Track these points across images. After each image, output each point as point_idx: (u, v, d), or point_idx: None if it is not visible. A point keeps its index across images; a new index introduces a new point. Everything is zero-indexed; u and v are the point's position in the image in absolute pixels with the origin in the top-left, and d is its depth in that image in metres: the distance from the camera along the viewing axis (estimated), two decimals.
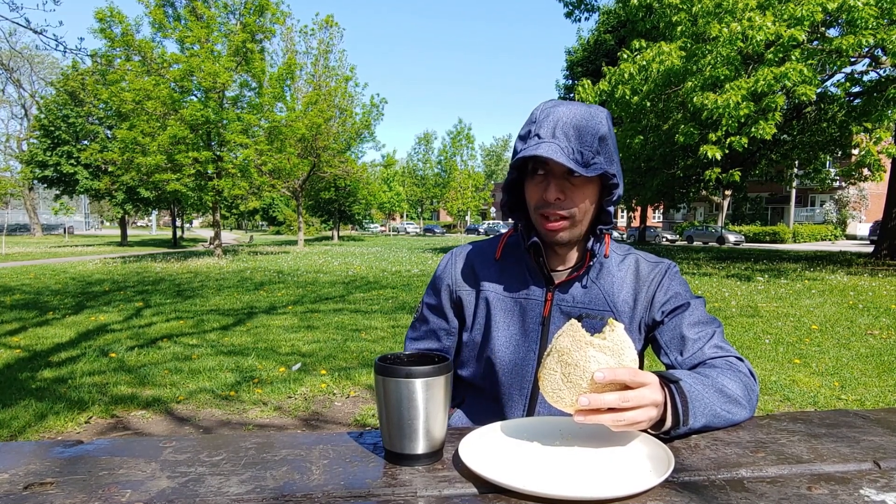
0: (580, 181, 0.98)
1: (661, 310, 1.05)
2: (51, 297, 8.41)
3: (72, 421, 3.29)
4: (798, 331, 5.94)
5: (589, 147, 0.95)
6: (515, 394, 1.09)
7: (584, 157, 0.95)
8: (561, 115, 0.96)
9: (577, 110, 0.97)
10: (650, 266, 1.09)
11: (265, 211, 56.11)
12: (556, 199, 0.98)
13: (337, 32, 27.92)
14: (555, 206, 0.99)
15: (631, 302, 1.07)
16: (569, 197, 0.99)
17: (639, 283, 1.08)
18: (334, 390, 3.91)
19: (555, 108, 0.98)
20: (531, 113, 1.01)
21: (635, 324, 1.07)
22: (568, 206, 0.99)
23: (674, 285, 1.07)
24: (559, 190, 0.98)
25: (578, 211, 1.00)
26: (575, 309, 1.05)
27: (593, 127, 0.96)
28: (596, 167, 0.95)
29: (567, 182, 0.98)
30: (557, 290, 1.07)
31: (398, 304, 7.76)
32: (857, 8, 8.95)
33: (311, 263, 15.32)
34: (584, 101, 7.86)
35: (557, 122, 0.96)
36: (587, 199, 1.00)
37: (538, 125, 0.97)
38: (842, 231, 35.06)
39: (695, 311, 1.04)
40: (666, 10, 10.91)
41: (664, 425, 0.79)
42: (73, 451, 0.77)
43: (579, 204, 0.99)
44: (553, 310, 1.06)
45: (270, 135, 16.61)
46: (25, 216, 46.22)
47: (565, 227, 1.01)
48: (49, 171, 26.25)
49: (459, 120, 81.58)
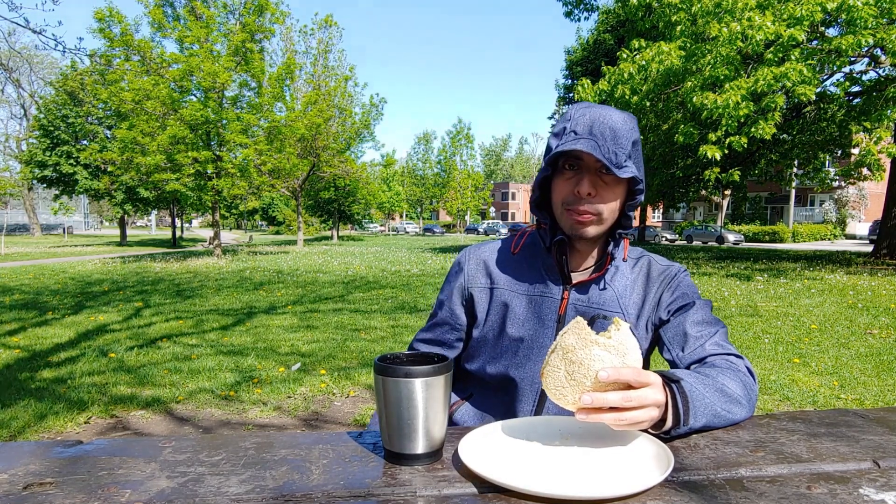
0: (611, 181, 1.00)
1: (668, 309, 1.07)
2: (50, 297, 8.41)
3: (71, 421, 3.29)
4: (797, 330, 5.95)
5: (623, 149, 0.98)
6: (526, 388, 1.10)
7: (617, 157, 0.97)
8: (597, 115, 0.99)
9: (613, 113, 1.00)
10: (661, 268, 1.12)
11: (265, 211, 56.14)
12: (588, 195, 1.00)
13: (336, 32, 27.93)
14: (585, 202, 1.00)
15: (640, 302, 1.09)
16: (599, 194, 1.01)
17: (649, 283, 1.10)
18: (334, 390, 3.91)
19: (591, 109, 1.00)
20: (566, 112, 1.03)
21: (643, 323, 1.09)
22: (597, 202, 1.01)
23: (682, 287, 1.09)
24: (591, 185, 1.00)
25: (606, 209, 1.02)
26: (591, 309, 1.07)
27: (628, 131, 0.99)
28: (627, 169, 0.98)
29: (599, 179, 1.00)
30: (574, 289, 1.09)
31: (398, 304, 7.76)
32: (857, 7, 8.95)
33: (310, 263, 15.31)
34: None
35: (594, 121, 0.98)
36: (615, 200, 1.03)
37: (574, 122, 0.99)
38: (841, 231, 35.07)
39: (700, 310, 1.06)
40: (665, 9, 10.90)
41: (665, 425, 0.79)
42: (72, 451, 0.77)
43: (608, 202, 1.02)
44: (569, 308, 1.08)
45: (270, 135, 16.61)
46: (25, 216, 46.20)
47: (593, 221, 1.02)
48: (48, 170, 26.23)
49: (459, 119, 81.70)
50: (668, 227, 41.67)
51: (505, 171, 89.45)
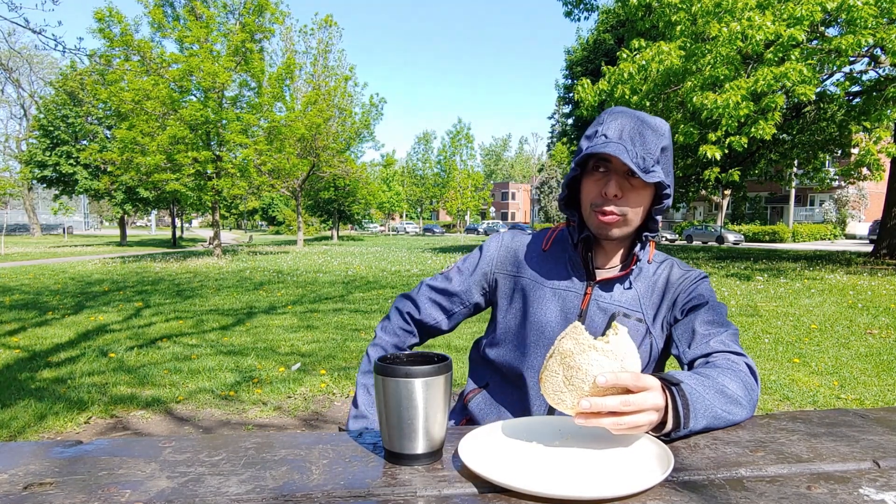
0: (638, 184, 1.04)
1: (682, 308, 1.09)
2: (50, 297, 8.41)
3: (71, 421, 3.29)
4: (797, 330, 5.95)
5: (651, 155, 1.01)
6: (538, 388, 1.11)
7: (645, 162, 1.01)
8: (628, 120, 1.03)
9: (645, 119, 1.04)
10: (682, 272, 1.14)
11: (264, 211, 56.14)
12: (615, 196, 1.03)
13: (336, 32, 27.95)
14: (611, 203, 1.04)
15: (658, 302, 1.12)
16: (626, 196, 1.04)
17: (668, 285, 1.12)
18: (334, 390, 3.91)
19: (623, 114, 1.05)
20: (599, 116, 1.08)
21: (659, 322, 1.11)
22: (623, 204, 1.04)
23: (699, 289, 1.11)
24: (618, 187, 1.03)
25: (632, 212, 1.05)
26: (612, 306, 1.10)
27: (657, 137, 1.02)
28: (654, 174, 1.01)
29: (626, 182, 1.04)
30: (598, 286, 1.11)
31: None
32: (857, 7, 8.95)
33: (310, 263, 15.31)
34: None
35: (624, 126, 1.02)
36: (641, 204, 1.06)
37: (606, 126, 1.04)
38: (841, 230, 35.07)
39: (711, 311, 1.07)
40: (665, 9, 10.89)
41: (665, 428, 0.79)
42: (72, 451, 0.77)
43: (633, 206, 1.05)
44: (591, 304, 1.11)
45: (270, 134, 16.61)
46: (24, 216, 46.19)
47: (618, 222, 1.05)
48: (48, 171, 26.24)
49: (459, 119, 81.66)
50: (668, 226, 41.68)
51: (505, 171, 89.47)
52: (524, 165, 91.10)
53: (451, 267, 1.26)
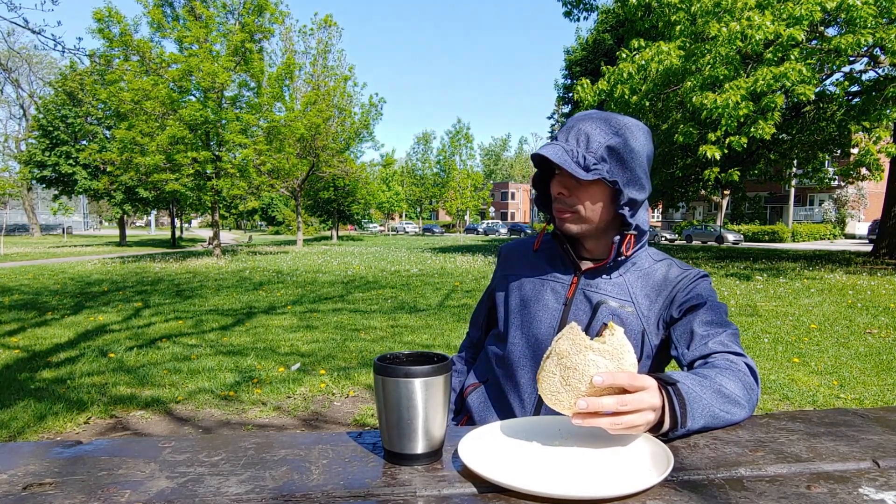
0: (585, 182, 1.06)
1: (680, 307, 1.09)
2: (49, 297, 8.41)
3: (71, 421, 3.29)
4: (797, 330, 5.95)
5: (593, 154, 1.03)
6: (532, 370, 1.13)
7: (586, 161, 1.03)
8: (586, 122, 1.06)
9: (607, 119, 1.07)
10: (681, 270, 1.14)
11: (264, 211, 56.09)
12: (559, 194, 1.08)
13: (336, 32, 27.92)
14: (560, 201, 1.09)
15: (653, 296, 1.11)
16: (573, 194, 1.08)
17: (666, 282, 1.13)
18: (333, 390, 3.91)
19: (584, 117, 1.08)
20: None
21: (654, 319, 1.11)
22: (572, 202, 1.08)
23: (698, 289, 1.10)
24: (562, 186, 1.08)
25: (583, 208, 1.08)
26: (597, 294, 1.12)
27: (605, 136, 1.04)
28: (596, 172, 1.03)
29: (572, 181, 1.07)
30: (584, 275, 1.15)
31: (397, 304, 7.76)
32: (856, 7, 8.95)
33: (310, 263, 15.31)
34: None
35: (575, 127, 1.06)
36: (593, 201, 1.08)
37: (563, 129, 1.08)
38: (840, 230, 35.09)
39: (710, 311, 1.06)
40: (665, 9, 10.89)
41: (662, 427, 0.79)
42: (72, 451, 0.77)
43: (584, 202, 1.08)
44: (577, 293, 1.13)
45: (269, 134, 16.60)
46: (24, 216, 46.19)
47: (572, 217, 1.09)
48: (47, 171, 26.23)
49: (458, 119, 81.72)
50: (668, 226, 41.69)
51: (504, 171, 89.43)
52: (524, 165, 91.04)
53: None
